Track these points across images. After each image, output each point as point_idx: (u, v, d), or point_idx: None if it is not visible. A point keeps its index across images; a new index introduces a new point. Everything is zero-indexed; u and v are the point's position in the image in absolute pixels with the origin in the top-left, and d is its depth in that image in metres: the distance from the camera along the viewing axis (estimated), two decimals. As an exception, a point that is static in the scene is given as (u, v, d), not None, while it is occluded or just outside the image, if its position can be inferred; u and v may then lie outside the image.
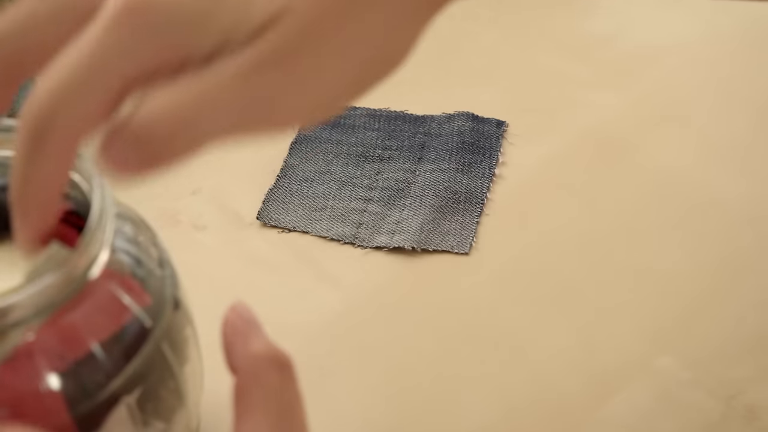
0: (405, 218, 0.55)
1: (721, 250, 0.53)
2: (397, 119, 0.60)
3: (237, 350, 0.32)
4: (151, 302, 0.34)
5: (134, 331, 0.34)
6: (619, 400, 0.47)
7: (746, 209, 0.55)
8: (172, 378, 0.35)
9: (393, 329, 0.50)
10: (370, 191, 0.56)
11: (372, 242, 0.54)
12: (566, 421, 0.46)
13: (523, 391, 0.47)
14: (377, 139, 0.59)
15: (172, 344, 0.35)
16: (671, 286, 0.51)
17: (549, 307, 0.51)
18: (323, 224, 0.55)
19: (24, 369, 0.31)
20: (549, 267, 0.52)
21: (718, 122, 0.59)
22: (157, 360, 0.34)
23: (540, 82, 0.62)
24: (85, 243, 0.31)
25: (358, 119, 0.60)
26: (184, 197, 0.56)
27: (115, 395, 0.33)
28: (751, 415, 0.46)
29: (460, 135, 0.58)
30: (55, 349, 0.32)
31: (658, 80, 0.62)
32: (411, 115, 0.60)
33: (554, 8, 0.67)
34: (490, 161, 0.57)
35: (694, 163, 0.57)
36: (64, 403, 0.32)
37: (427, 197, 0.55)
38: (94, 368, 0.32)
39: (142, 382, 0.34)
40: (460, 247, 0.53)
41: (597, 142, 0.58)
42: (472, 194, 0.56)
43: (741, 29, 0.65)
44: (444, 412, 0.47)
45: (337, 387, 0.48)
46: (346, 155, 0.58)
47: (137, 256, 0.35)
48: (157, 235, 0.37)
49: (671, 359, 0.48)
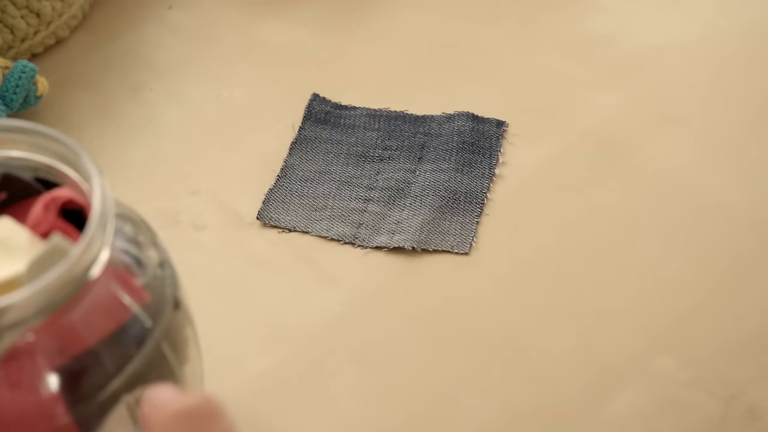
0: (405, 218, 0.54)
1: (722, 250, 0.53)
2: (397, 119, 0.60)
3: (143, 409, 0.29)
4: (151, 302, 0.34)
5: (134, 331, 0.34)
6: (619, 401, 0.47)
7: (746, 209, 0.55)
8: (172, 378, 0.35)
9: (393, 329, 0.50)
10: (370, 191, 0.56)
11: (372, 242, 0.54)
12: (566, 421, 0.46)
13: (523, 391, 0.47)
14: (377, 139, 0.59)
15: (172, 344, 0.35)
16: (671, 286, 0.51)
17: (549, 307, 0.51)
18: (323, 224, 0.55)
19: (24, 369, 0.31)
20: (549, 267, 0.52)
21: (718, 122, 0.59)
22: (157, 360, 0.34)
23: (540, 82, 0.62)
24: (85, 243, 0.31)
25: (358, 119, 0.60)
26: (184, 197, 0.56)
27: (115, 395, 0.33)
28: (752, 415, 0.46)
29: (460, 135, 0.58)
30: (55, 349, 0.32)
31: (658, 80, 0.62)
32: (411, 115, 0.60)
33: (554, 8, 0.67)
34: (490, 161, 0.57)
35: (694, 163, 0.57)
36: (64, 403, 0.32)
37: (427, 197, 0.55)
38: (94, 368, 0.32)
39: (142, 382, 0.34)
40: (460, 247, 0.53)
41: (597, 142, 0.58)
42: (472, 194, 0.56)
43: (741, 29, 0.65)
44: (444, 412, 0.47)
45: (337, 387, 0.48)
46: (346, 155, 0.58)
47: (137, 257, 0.35)
48: (157, 236, 0.37)
49: (671, 359, 0.48)
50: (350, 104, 0.61)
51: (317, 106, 0.61)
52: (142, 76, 0.63)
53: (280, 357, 0.49)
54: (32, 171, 0.36)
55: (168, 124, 0.60)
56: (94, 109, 0.61)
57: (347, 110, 0.61)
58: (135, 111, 0.61)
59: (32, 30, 0.62)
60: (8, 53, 0.62)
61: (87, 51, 0.65)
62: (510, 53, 0.64)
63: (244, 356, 0.49)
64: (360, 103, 0.61)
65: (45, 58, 0.64)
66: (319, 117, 0.60)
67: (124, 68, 0.64)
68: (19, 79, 0.56)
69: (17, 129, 0.35)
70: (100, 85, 0.63)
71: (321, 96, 0.61)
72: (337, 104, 0.61)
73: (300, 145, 0.59)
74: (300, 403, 0.47)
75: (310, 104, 0.61)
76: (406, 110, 0.60)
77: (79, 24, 0.66)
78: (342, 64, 0.64)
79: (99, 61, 0.64)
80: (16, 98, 0.56)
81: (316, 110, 0.60)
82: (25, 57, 0.63)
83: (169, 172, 0.58)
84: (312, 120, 0.60)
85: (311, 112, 0.60)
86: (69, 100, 0.61)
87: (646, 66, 0.63)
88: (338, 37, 0.66)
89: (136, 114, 0.60)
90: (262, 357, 0.49)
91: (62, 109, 0.61)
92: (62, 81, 0.62)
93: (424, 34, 0.65)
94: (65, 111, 0.61)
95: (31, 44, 0.63)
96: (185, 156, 0.59)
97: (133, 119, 0.60)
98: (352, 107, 0.61)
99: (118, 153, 0.59)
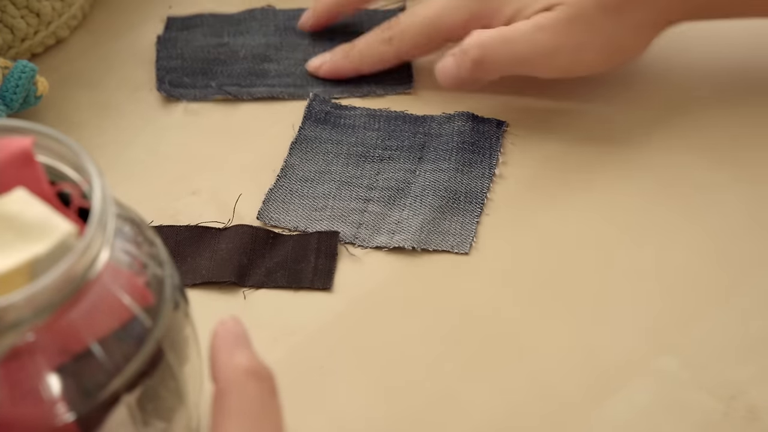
0: (405, 218, 0.54)
1: (722, 249, 0.53)
2: (397, 119, 0.60)
3: (220, 361, 0.33)
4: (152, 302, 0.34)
5: (134, 330, 0.34)
6: (619, 400, 0.47)
7: (746, 209, 0.55)
8: (172, 378, 0.35)
9: (393, 329, 0.50)
10: (370, 191, 0.56)
11: (372, 242, 0.54)
12: (566, 421, 0.46)
13: (523, 390, 0.47)
14: (377, 139, 0.59)
15: (172, 344, 0.35)
16: (671, 286, 0.51)
17: (549, 307, 0.51)
18: (323, 224, 0.55)
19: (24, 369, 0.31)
20: (549, 267, 0.52)
21: (718, 121, 0.59)
22: (157, 360, 0.34)
23: (540, 81, 0.62)
24: (85, 242, 0.31)
25: (357, 119, 0.60)
26: (184, 197, 0.56)
27: (115, 395, 0.33)
28: (752, 415, 0.46)
29: (461, 135, 0.58)
30: (55, 349, 0.32)
31: (658, 80, 0.62)
32: (411, 115, 0.60)
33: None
34: (490, 161, 0.57)
35: (694, 162, 0.57)
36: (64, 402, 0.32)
37: (427, 197, 0.55)
38: (94, 368, 0.32)
39: (142, 382, 0.34)
40: (460, 247, 0.53)
41: (597, 141, 0.58)
42: (473, 194, 0.56)
43: (741, 29, 0.64)
44: (444, 411, 0.47)
45: (337, 387, 0.48)
46: (346, 155, 0.58)
47: (137, 256, 0.35)
48: (157, 236, 0.37)
49: (671, 359, 0.48)
50: (350, 104, 0.61)
51: (317, 106, 0.61)
52: (142, 76, 0.63)
53: (279, 356, 0.49)
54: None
55: (168, 124, 0.60)
56: (94, 109, 0.61)
57: (347, 110, 0.61)
58: (135, 111, 0.61)
59: (32, 30, 0.62)
60: (8, 53, 0.62)
61: (87, 51, 0.65)
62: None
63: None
64: (359, 103, 0.61)
65: (45, 58, 0.64)
66: (319, 117, 0.60)
67: (124, 68, 0.64)
68: (19, 79, 0.56)
69: (17, 129, 0.35)
70: (100, 85, 0.63)
71: (321, 96, 0.61)
72: (337, 104, 0.61)
73: (300, 145, 0.59)
74: (299, 402, 0.47)
75: (310, 104, 0.61)
76: (405, 110, 0.60)
77: (79, 24, 0.66)
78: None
79: (99, 61, 0.64)
80: (16, 98, 0.56)
81: (316, 110, 0.60)
82: (25, 57, 0.63)
83: (169, 172, 0.58)
84: (312, 120, 0.60)
85: (311, 112, 0.60)
86: (69, 100, 0.61)
87: (646, 65, 0.63)
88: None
89: (136, 114, 0.60)
90: (262, 356, 0.49)
91: (62, 109, 0.61)
92: (62, 81, 0.62)
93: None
94: (65, 111, 0.61)
95: (31, 44, 0.63)
96: (185, 156, 0.59)
97: (133, 119, 0.60)
98: (352, 107, 0.61)
99: (118, 153, 0.59)
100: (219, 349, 0.34)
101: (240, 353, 0.34)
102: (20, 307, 0.30)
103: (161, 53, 0.63)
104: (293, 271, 0.52)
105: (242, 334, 0.35)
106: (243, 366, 0.33)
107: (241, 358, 0.33)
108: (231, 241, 0.53)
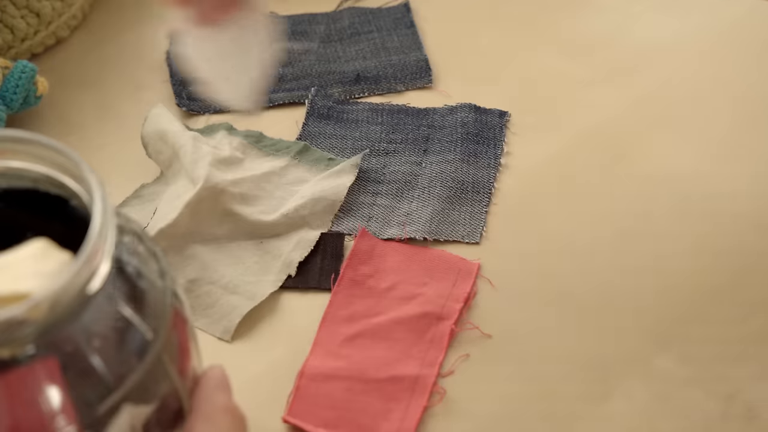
0: (414, 210, 0.55)
1: (722, 248, 0.53)
2: (400, 112, 0.60)
3: (200, 397, 0.35)
4: (152, 313, 0.34)
5: (135, 343, 0.34)
6: (619, 399, 0.47)
7: (746, 208, 0.55)
8: (172, 388, 0.35)
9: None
10: (377, 185, 0.56)
11: (383, 234, 0.54)
12: (566, 419, 0.46)
13: (522, 389, 0.47)
14: (381, 132, 0.59)
15: (172, 355, 0.35)
16: (672, 285, 0.51)
17: (549, 307, 0.51)
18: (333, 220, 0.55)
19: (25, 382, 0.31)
20: (549, 268, 0.52)
21: (719, 120, 0.59)
22: (158, 371, 0.34)
23: (541, 80, 0.62)
24: (85, 255, 0.31)
25: (360, 114, 0.60)
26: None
27: (116, 406, 0.33)
28: (751, 414, 0.46)
29: (464, 126, 0.58)
30: (56, 362, 0.32)
31: (658, 79, 0.62)
32: (413, 108, 0.60)
33: (555, 8, 0.67)
34: (495, 151, 0.57)
35: (695, 161, 0.57)
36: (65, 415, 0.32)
37: (434, 188, 0.55)
38: (95, 381, 0.32)
39: (143, 394, 0.34)
40: (470, 237, 0.53)
41: (597, 141, 0.58)
42: (479, 184, 0.56)
43: (741, 29, 0.64)
44: (443, 411, 0.47)
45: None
46: (351, 150, 0.58)
47: (137, 268, 0.35)
48: (157, 246, 0.37)
49: (671, 358, 0.48)
50: (351, 99, 0.61)
51: (319, 102, 0.60)
52: (142, 76, 0.63)
53: (280, 355, 0.49)
54: (32, 182, 0.36)
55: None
56: (94, 109, 0.61)
57: (349, 105, 0.61)
58: (135, 111, 0.61)
59: (32, 30, 0.62)
60: (8, 53, 0.62)
61: (87, 51, 0.65)
62: (510, 52, 0.64)
63: (244, 356, 0.49)
64: (361, 98, 0.61)
65: (45, 58, 0.64)
66: (321, 112, 0.60)
67: (124, 68, 0.64)
68: (19, 79, 0.56)
69: (17, 139, 0.35)
70: (100, 85, 0.63)
71: (322, 91, 0.61)
72: (338, 99, 0.61)
73: (304, 141, 0.59)
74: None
75: (312, 100, 0.61)
76: (408, 103, 0.61)
77: (79, 24, 0.66)
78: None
79: (99, 61, 0.64)
80: (16, 98, 0.56)
81: (319, 106, 0.60)
82: (25, 57, 0.63)
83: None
84: (315, 116, 0.60)
85: (314, 107, 0.60)
86: (69, 100, 0.61)
87: (646, 66, 0.63)
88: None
89: (136, 114, 0.60)
90: (263, 357, 0.49)
91: (62, 109, 0.61)
92: (62, 81, 0.62)
93: (425, 34, 0.65)
94: (65, 111, 0.61)
95: (31, 44, 0.63)
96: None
97: (133, 119, 0.60)
98: (353, 101, 0.61)
99: (118, 153, 0.59)
100: (201, 387, 0.36)
101: (221, 394, 0.36)
102: (21, 319, 0.30)
103: (173, 68, 0.63)
104: (299, 271, 0.52)
105: (225, 380, 0.37)
106: (221, 403, 0.35)
107: (221, 397, 0.36)
108: None
